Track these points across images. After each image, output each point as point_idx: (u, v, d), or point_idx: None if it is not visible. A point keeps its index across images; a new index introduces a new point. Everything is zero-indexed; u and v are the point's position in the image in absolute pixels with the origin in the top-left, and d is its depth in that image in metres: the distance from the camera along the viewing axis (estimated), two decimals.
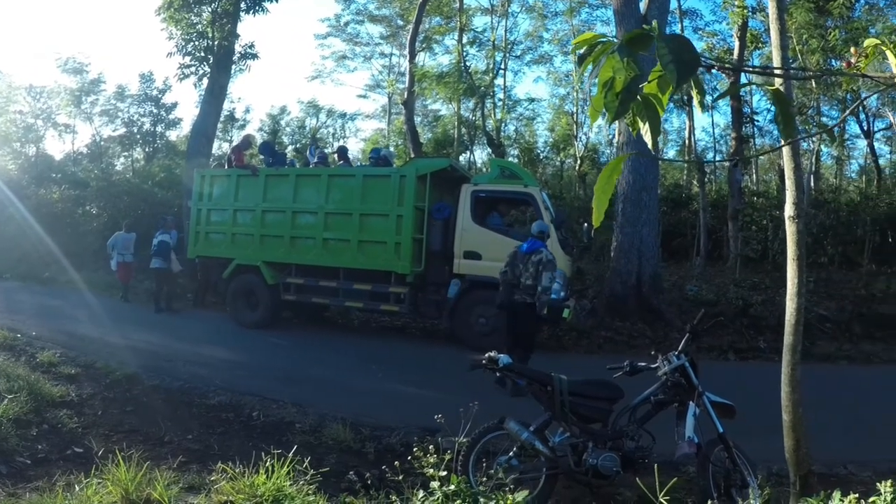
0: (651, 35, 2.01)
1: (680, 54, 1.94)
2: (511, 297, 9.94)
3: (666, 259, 24.38)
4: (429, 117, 46.27)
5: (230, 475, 4.95)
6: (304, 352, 12.55)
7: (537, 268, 9.66)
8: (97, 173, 33.40)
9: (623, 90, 2.09)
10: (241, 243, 14.73)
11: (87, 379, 9.21)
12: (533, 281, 9.69)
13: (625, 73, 2.06)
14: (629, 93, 2.10)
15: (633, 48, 2.03)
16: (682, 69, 1.93)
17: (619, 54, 2.04)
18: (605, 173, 2.33)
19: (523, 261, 9.89)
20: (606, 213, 2.42)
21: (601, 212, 2.38)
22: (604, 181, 2.33)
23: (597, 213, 2.38)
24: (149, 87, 39.74)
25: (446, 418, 5.25)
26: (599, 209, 2.38)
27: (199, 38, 23.03)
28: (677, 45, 1.96)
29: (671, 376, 5.54)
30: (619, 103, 2.11)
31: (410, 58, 29.02)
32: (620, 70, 2.06)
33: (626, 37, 2.05)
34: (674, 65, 1.92)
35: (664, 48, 1.94)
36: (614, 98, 2.11)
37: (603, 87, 2.12)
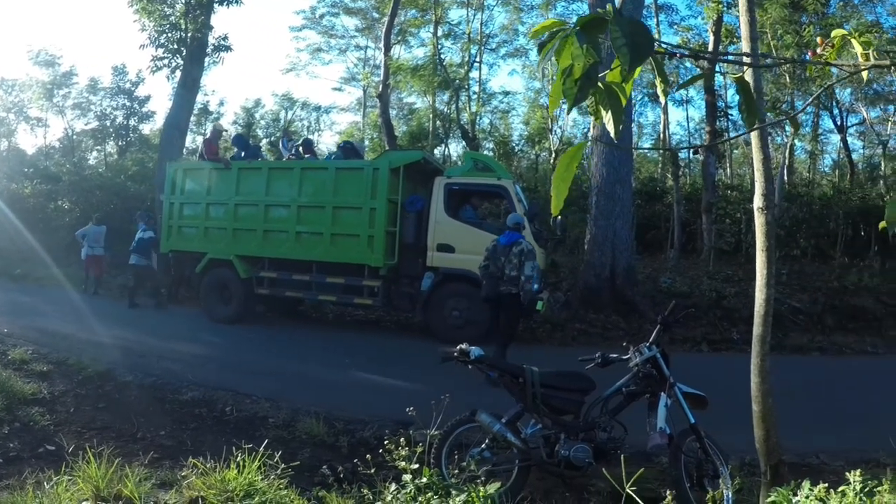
0: (606, 19, 2.01)
1: (633, 38, 1.94)
2: (497, 289, 10.13)
3: (640, 252, 24.51)
4: (404, 110, 46.31)
5: (201, 470, 4.93)
6: (277, 346, 12.51)
7: (520, 258, 9.94)
8: (69, 167, 33.12)
9: (582, 77, 2.07)
10: (214, 237, 14.64)
11: (60, 376, 9.13)
12: (517, 272, 9.96)
13: (583, 60, 2.05)
14: (588, 79, 2.09)
15: (589, 33, 2.03)
16: (634, 52, 1.93)
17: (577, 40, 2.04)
18: (564, 161, 2.32)
19: (504, 253, 10.10)
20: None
21: (560, 200, 2.35)
22: (562, 169, 2.32)
23: (555, 201, 2.35)
24: (122, 79, 39.47)
25: (419, 411, 5.26)
26: (558, 197, 2.35)
27: (172, 29, 22.88)
28: (631, 28, 1.96)
29: (643, 367, 5.55)
30: (578, 90, 2.10)
31: (385, 50, 28.93)
32: (579, 56, 2.04)
33: (581, 20, 2.06)
34: (627, 48, 1.92)
35: (617, 31, 1.94)
36: (573, 85, 2.09)
37: (562, 74, 2.11)
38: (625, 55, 1.93)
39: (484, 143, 39.42)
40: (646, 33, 1.99)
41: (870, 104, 32.45)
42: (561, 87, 2.12)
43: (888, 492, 3.75)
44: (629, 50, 1.93)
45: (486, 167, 13.56)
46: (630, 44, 1.93)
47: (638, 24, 1.99)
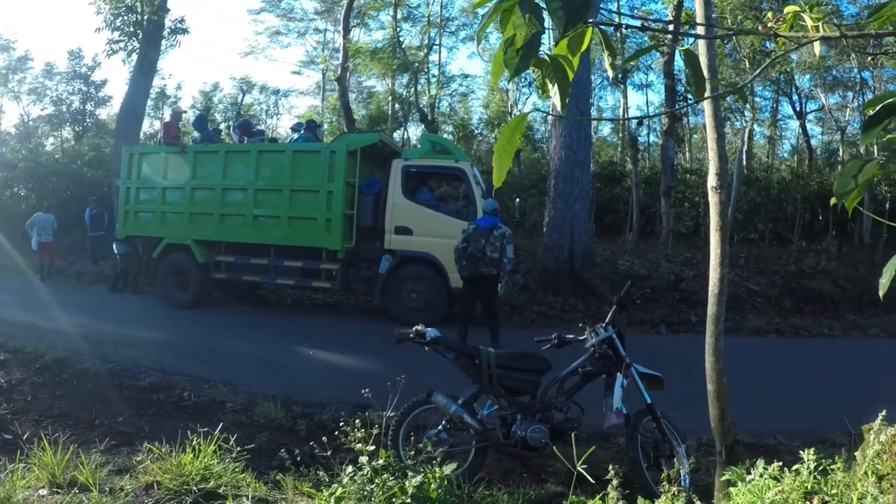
0: None
1: (569, 0, 1.92)
2: (478, 269, 10.49)
3: (599, 235, 24.71)
4: (363, 94, 46.13)
5: (157, 455, 4.93)
6: (235, 331, 12.47)
7: (502, 241, 10.45)
8: (25, 154, 32.67)
9: (523, 46, 2.06)
10: (171, 222, 14.55)
11: (16, 364, 9.07)
12: (499, 254, 10.42)
13: (526, 29, 2.03)
14: (530, 48, 2.07)
15: (531, 2, 1.99)
16: (570, 14, 1.91)
17: (520, 9, 2.00)
18: (506, 132, 2.29)
19: (485, 236, 10.46)
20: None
21: (502, 172, 2.32)
22: (504, 140, 2.29)
23: (497, 172, 2.32)
24: (78, 64, 38.85)
25: (376, 393, 5.30)
26: (501, 169, 2.32)
27: (128, 12, 22.67)
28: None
29: (599, 348, 5.59)
30: (520, 60, 2.09)
31: (344, 33, 28.81)
32: (521, 26, 2.02)
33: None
34: (562, 11, 1.91)
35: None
36: (514, 54, 2.09)
37: (505, 44, 2.10)
38: (560, 17, 1.92)
39: (443, 126, 39.38)
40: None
41: (829, 90, 32.72)
42: (503, 56, 2.12)
43: (841, 470, 3.84)
44: (564, 13, 1.92)
45: (443, 150, 13.55)
46: (564, 5, 1.92)
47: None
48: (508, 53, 2.10)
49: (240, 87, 49.71)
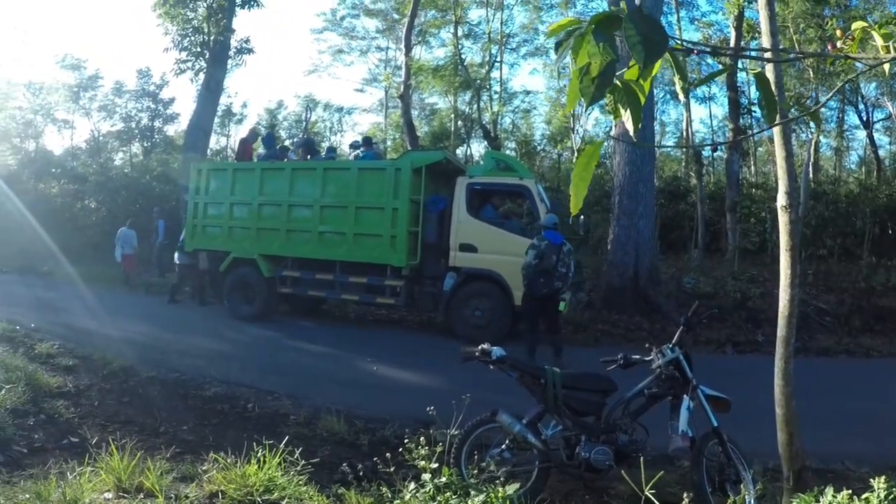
0: (621, 16, 1.99)
1: (648, 34, 1.92)
2: (553, 285, 10.66)
3: (664, 252, 24.37)
4: (426, 111, 46.28)
5: (222, 465, 4.96)
6: (299, 344, 12.53)
7: (570, 257, 10.77)
8: (95, 168, 33.46)
9: (599, 75, 2.06)
10: (238, 236, 14.75)
11: (85, 370, 9.25)
12: (566, 269, 10.71)
13: (600, 58, 2.03)
14: (605, 77, 2.07)
15: (604, 30, 2.00)
16: (649, 50, 1.91)
17: (593, 39, 2.01)
18: (583, 160, 2.31)
19: (556, 252, 10.61)
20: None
21: (579, 199, 2.33)
22: (581, 168, 2.31)
23: (574, 200, 2.33)
24: (146, 82, 39.68)
25: (439, 410, 5.28)
26: (577, 196, 2.33)
27: (195, 33, 23.11)
28: (645, 25, 1.94)
29: (665, 369, 5.48)
30: (595, 89, 2.08)
31: (406, 51, 28.98)
32: (596, 55, 2.03)
33: (596, 18, 2.04)
34: (641, 45, 1.90)
35: (631, 28, 1.92)
36: (590, 83, 2.08)
37: (579, 72, 2.10)
38: (639, 53, 1.92)
39: (506, 142, 39.39)
40: (660, 30, 1.97)
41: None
42: (578, 85, 2.12)
43: None
44: (643, 47, 1.91)
45: (507, 167, 13.52)
46: (644, 41, 1.91)
47: (652, 21, 1.98)
48: (584, 82, 2.11)
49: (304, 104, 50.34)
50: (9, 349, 9.93)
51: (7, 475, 5.21)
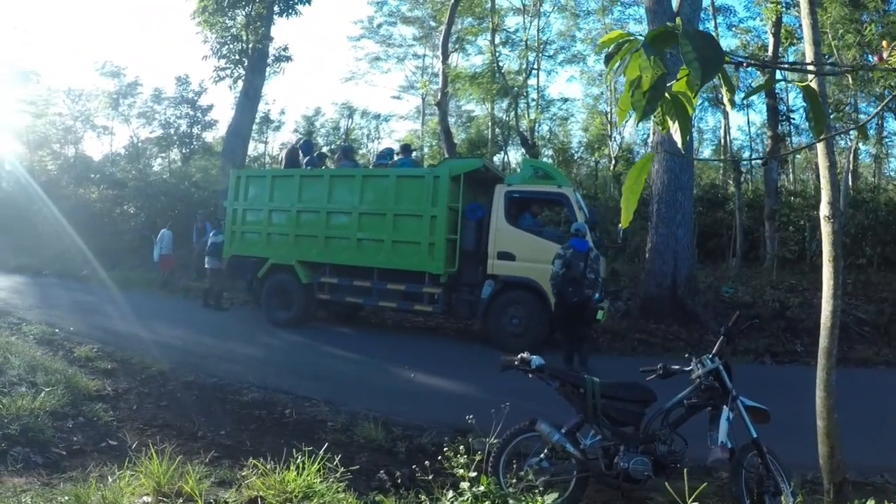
0: (676, 32, 1.98)
1: (704, 51, 1.91)
2: (584, 293, 10.78)
3: (701, 260, 24.15)
4: (462, 118, 46.33)
5: (261, 471, 4.97)
6: (336, 351, 12.56)
7: (597, 263, 10.84)
8: (135, 174, 33.85)
9: (650, 89, 2.06)
10: (276, 243, 14.81)
11: (123, 374, 9.33)
12: (594, 275, 10.79)
13: (651, 72, 2.04)
14: (656, 91, 2.07)
15: (658, 46, 2.01)
16: (706, 66, 1.89)
17: (645, 53, 2.02)
18: (634, 173, 2.31)
19: (583, 259, 10.73)
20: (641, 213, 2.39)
21: (630, 212, 2.35)
22: (632, 181, 2.30)
23: (625, 213, 2.36)
24: (185, 89, 39.92)
25: (477, 418, 5.27)
26: (628, 209, 2.35)
27: (234, 41, 23.38)
28: (701, 41, 1.93)
29: (705, 380, 5.43)
30: (647, 102, 2.08)
31: (443, 59, 29.01)
32: (647, 68, 2.04)
33: (651, 34, 2.03)
34: (698, 62, 1.89)
35: (688, 45, 1.91)
36: (641, 97, 2.09)
37: (630, 86, 2.10)
38: (696, 69, 1.90)
39: (543, 149, 39.29)
40: (715, 46, 1.96)
41: None
42: (629, 99, 2.13)
43: None
44: (700, 64, 1.90)
45: (546, 175, 13.48)
46: (701, 58, 1.90)
47: (707, 37, 1.97)
48: (635, 96, 2.12)
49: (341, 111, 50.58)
50: (49, 352, 10.07)
51: (46, 477, 5.25)
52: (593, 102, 40.85)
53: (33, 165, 38.17)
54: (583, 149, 42.45)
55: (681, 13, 15.31)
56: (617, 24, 35.52)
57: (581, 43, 37.96)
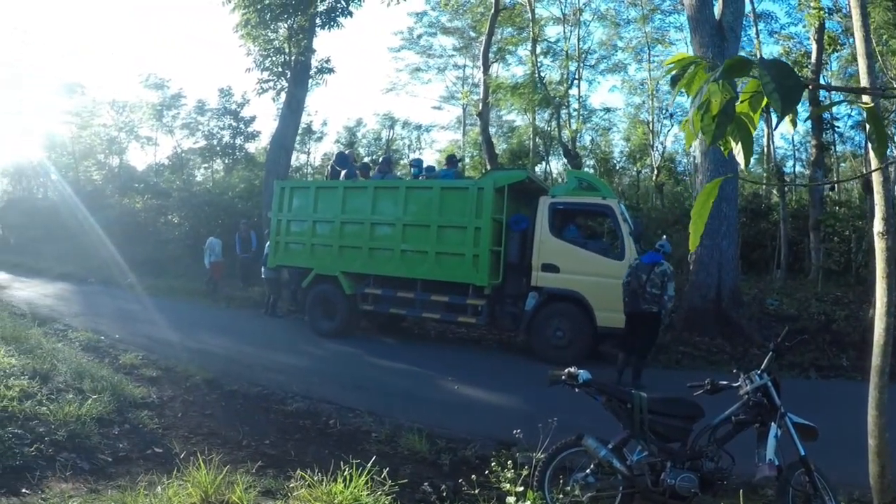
0: (751, 61, 1.97)
1: (783, 81, 1.87)
2: (639, 305, 10.73)
3: (745, 271, 23.89)
4: (503, 128, 46.31)
5: (308, 482, 4.97)
6: (379, 361, 12.56)
7: (663, 279, 10.61)
8: (179, 184, 34.18)
9: (719, 113, 2.04)
10: (320, 253, 14.86)
11: (168, 381, 9.43)
12: (659, 290, 10.58)
13: (720, 96, 2.01)
14: (725, 116, 2.05)
15: (733, 74, 1.99)
16: (786, 98, 1.86)
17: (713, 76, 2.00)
18: (701, 198, 2.29)
19: (646, 271, 10.70)
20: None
21: (697, 236, 2.34)
22: (700, 205, 2.29)
23: (693, 237, 2.35)
24: (227, 101, 40.32)
25: (522, 432, 5.32)
26: (696, 233, 2.33)
27: (277, 53, 23.60)
28: (778, 71, 1.89)
29: (753, 396, 5.35)
30: (716, 127, 2.07)
31: (484, 69, 29.04)
32: (716, 93, 2.01)
33: (728, 63, 2.01)
34: (777, 93, 1.85)
35: (766, 76, 1.88)
36: (711, 121, 2.07)
37: (698, 110, 2.08)
38: (776, 101, 1.87)
39: (585, 159, 39.08)
40: (793, 76, 1.92)
41: None
42: (699, 124, 2.11)
43: None
44: (780, 95, 1.87)
45: (590, 186, 13.38)
46: (780, 88, 1.87)
47: (784, 66, 1.94)
48: (705, 121, 2.10)
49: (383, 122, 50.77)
50: (94, 359, 10.20)
51: (93, 483, 5.28)
52: (635, 112, 40.66)
53: (79, 175, 38.83)
54: (625, 158, 42.24)
55: (723, 21, 15.17)
56: (658, 32, 35.43)
57: (622, 52, 37.85)
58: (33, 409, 6.72)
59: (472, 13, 35.71)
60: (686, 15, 17.18)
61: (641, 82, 38.66)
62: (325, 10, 22.93)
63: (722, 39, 14.97)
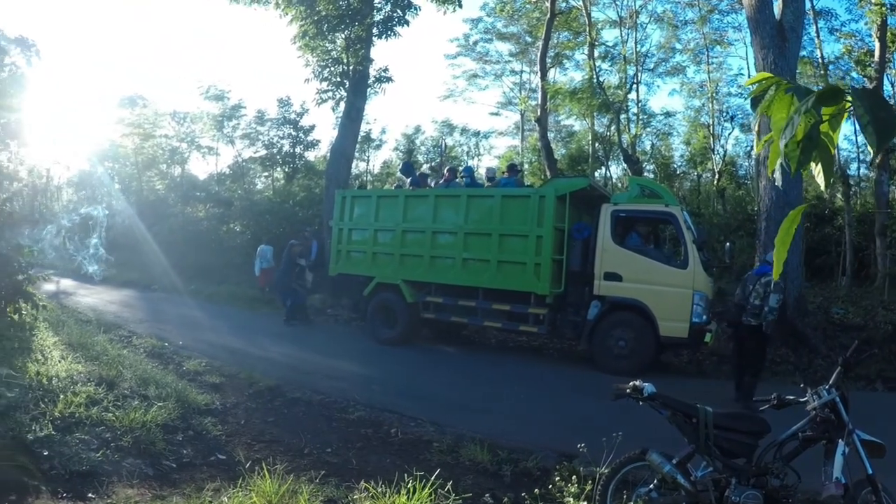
0: (843, 91, 1.93)
1: (877, 113, 1.82)
2: (738, 317, 10.57)
3: (809, 279, 23.32)
4: (562, 133, 46.02)
5: (372, 493, 4.97)
6: (440, 370, 12.62)
7: (766, 289, 10.28)
8: (240, 193, 34.60)
9: (804, 138, 2.00)
10: (382, 262, 14.95)
11: (231, 388, 9.57)
12: (760, 301, 10.32)
13: (805, 121, 1.97)
14: (810, 141, 2.01)
15: (825, 103, 1.95)
16: (881, 133, 1.80)
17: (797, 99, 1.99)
18: (785, 225, 2.32)
19: (753, 282, 10.51)
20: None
21: (780, 263, 2.38)
22: (784, 233, 2.31)
23: (777, 265, 2.39)
24: (287, 111, 40.67)
25: (581, 442, 5.34)
26: (779, 261, 2.37)
27: (335, 63, 23.73)
28: (872, 101, 1.84)
29: (821, 412, 5.20)
30: (801, 153, 2.04)
31: (542, 75, 28.98)
32: (801, 117, 1.97)
33: (821, 93, 1.95)
34: (872, 127, 1.80)
35: (860, 108, 1.83)
36: (795, 146, 2.03)
37: (781, 133, 2.04)
38: (871, 135, 1.82)
39: (644, 164, 38.63)
40: (887, 107, 1.87)
41: None
42: (784, 150, 2.07)
43: None
44: (875, 129, 1.81)
45: (653, 193, 13.20)
46: (874, 121, 1.82)
47: (879, 98, 1.90)
48: (789, 147, 2.06)
49: (441, 129, 50.83)
50: (159, 365, 10.39)
51: (157, 489, 5.34)
52: (695, 115, 40.09)
53: (142, 185, 39.59)
54: (685, 162, 41.68)
55: (783, 21, 14.86)
56: (716, 32, 34.85)
57: (680, 54, 37.36)
58: (100, 415, 6.85)
59: (528, 18, 35.61)
60: (745, 16, 16.91)
61: (701, 84, 38.13)
62: (382, 19, 23.05)
63: (783, 40, 14.69)
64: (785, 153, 2.04)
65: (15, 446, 5.70)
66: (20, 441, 5.84)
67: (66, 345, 10.60)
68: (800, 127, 1.97)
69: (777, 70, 14.32)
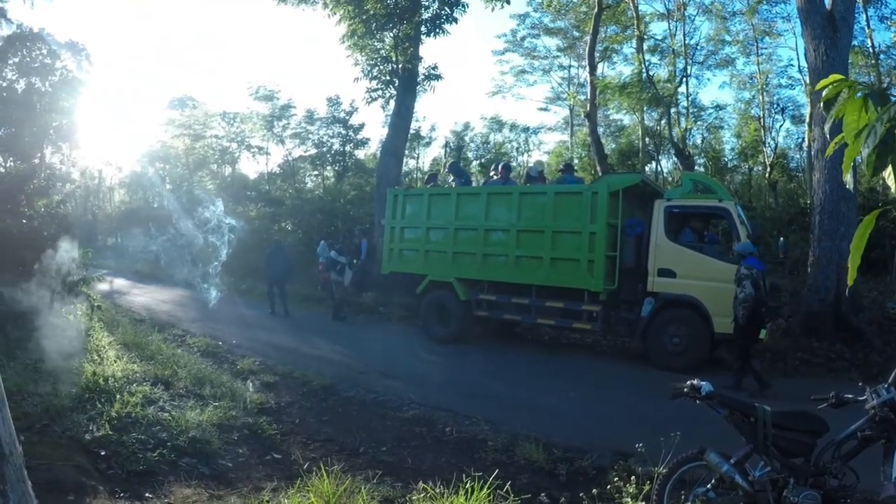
0: None
1: None
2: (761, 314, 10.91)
3: (863, 273, 22.81)
4: (611, 127, 45.62)
5: (430, 494, 4.97)
6: (494, 368, 12.55)
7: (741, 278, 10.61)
8: (291, 192, 34.82)
9: (880, 143, 1.94)
10: (434, 260, 14.96)
11: (285, 387, 9.66)
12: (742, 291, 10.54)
13: (883, 125, 1.92)
14: (886, 146, 1.94)
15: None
16: None
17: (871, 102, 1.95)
18: (860, 231, 2.19)
19: (763, 278, 10.80)
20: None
21: (855, 270, 2.28)
22: (858, 239, 2.20)
23: (851, 271, 2.28)
24: (336, 110, 40.85)
25: (637, 441, 5.31)
26: (854, 267, 2.27)
27: (384, 62, 23.77)
28: None
29: (880, 411, 5.01)
30: (877, 157, 1.96)
31: (591, 70, 28.77)
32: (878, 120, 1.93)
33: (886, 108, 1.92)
34: None
35: None
36: (871, 151, 1.96)
37: (854, 137, 2.00)
38: None
39: (696, 158, 38.14)
40: None
41: None
42: (866, 157, 2.01)
43: None
44: None
45: (706, 188, 13.08)
46: None
47: None
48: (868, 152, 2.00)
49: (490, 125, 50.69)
50: (213, 365, 10.54)
51: (214, 488, 5.38)
52: (745, 107, 39.46)
53: (193, 185, 40.07)
54: (736, 156, 41.07)
55: (834, 11, 14.54)
56: (765, 23, 34.24)
57: (729, 46, 36.77)
58: (156, 414, 6.97)
59: (575, 13, 35.43)
60: (795, 6, 16.61)
61: (751, 76, 37.50)
62: (430, 17, 23.03)
63: (834, 30, 14.37)
64: (864, 160, 1.99)
65: (72, 446, 5.81)
66: (77, 441, 5.95)
67: (121, 344, 10.81)
68: (879, 131, 1.92)
69: (829, 61, 14.08)
